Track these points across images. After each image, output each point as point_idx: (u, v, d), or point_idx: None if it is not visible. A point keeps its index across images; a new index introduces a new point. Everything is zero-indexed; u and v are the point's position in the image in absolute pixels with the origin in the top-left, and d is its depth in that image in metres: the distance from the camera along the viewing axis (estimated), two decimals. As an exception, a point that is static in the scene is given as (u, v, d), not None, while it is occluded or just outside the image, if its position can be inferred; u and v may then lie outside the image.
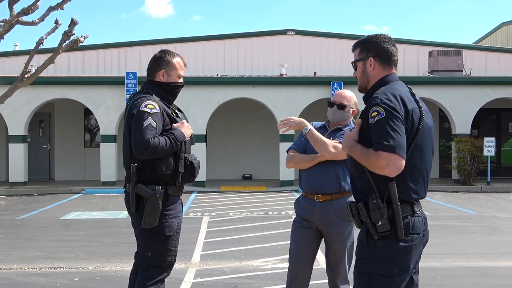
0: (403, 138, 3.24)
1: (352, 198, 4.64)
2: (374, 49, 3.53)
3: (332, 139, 4.80)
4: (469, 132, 20.39)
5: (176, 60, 4.64)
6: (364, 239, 3.36)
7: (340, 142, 4.66)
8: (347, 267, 4.86)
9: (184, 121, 4.64)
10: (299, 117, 20.21)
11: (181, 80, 4.70)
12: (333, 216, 4.72)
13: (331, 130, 4.93)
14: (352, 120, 5.00)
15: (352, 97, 4.97)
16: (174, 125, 4.52)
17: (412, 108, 3.34)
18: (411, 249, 3.33)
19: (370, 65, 3.52)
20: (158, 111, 4.40)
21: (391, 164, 3.19)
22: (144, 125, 4.29)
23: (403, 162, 3.23)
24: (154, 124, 4.33)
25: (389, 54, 3.53)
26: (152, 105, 4.38)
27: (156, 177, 4.41)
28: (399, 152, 3.20)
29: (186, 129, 4.56)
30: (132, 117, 4.40)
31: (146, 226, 4.36)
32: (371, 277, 3.31)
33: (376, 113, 3.26)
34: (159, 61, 4.62)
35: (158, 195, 4.34)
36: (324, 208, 4.74)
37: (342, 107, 4.88)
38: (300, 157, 4.89)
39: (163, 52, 4.67)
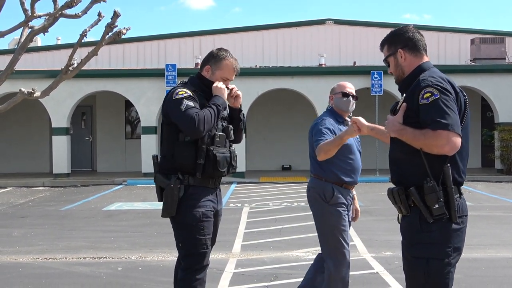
0: (457, 116, 3.30)
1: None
2: (400, 41, 3.60)
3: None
4: (513, 121, 19.98)
5: (225, 62, 4.59)
6: (417, 224, 3.38)
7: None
8: None
9: (217, 83, 4.57)
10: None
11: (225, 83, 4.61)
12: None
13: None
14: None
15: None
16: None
17: (459, 90, 3.42)
18: (462, 230, 3.43)
19: (401, 56, 3.59)
20: (190, 94, 4.40)
21: (450, 142, 3.24)
22: (183, 108, 4.29)
23: (460, 139, 3.28)
24: (191, 103, 4.33)
25: (416, 41, 3.58)
26: (183, 91, 4.40)
27: (174, 166, 4.39)
28: (456, 130, 3.25)
29: (218, 90, 4.53)
30: (168, 108, 4.41)
31: (163, 215, 4.39)
32: (428, 261, 3.35)
33: (429, 93, 3.31)
34: (210, 56, 4.61)
35: (172, 185, 4.33)
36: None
37: (356, 97, 5.34)
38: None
39: (219, 49, 4.64)
